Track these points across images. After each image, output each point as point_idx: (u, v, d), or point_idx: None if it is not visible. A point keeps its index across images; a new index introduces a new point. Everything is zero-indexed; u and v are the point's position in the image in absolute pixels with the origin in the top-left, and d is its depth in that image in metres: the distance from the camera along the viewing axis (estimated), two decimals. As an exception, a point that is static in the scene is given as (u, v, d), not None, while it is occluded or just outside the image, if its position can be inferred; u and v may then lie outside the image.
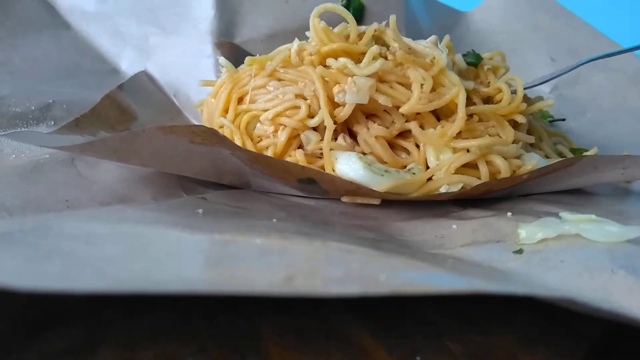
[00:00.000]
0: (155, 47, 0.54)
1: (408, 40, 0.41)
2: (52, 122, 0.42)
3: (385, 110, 0.39)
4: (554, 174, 0.36)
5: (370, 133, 0.38)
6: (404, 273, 0.22)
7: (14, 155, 0.35)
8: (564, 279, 0.24)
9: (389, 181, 0.35)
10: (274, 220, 0.31)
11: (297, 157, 0.38)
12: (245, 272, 0.21)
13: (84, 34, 0.55)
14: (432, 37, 0.42)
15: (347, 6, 0.55)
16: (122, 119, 0.45)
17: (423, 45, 0.40)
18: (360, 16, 0.56)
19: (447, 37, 0.44)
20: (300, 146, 0.39)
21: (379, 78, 0.38)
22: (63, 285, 0.17)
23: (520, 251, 0.27)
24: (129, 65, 0.54)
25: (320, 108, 0.38)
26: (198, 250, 0.24)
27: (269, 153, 0.39)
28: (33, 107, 0.43)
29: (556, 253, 0.26)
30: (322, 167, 0.37)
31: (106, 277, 0.18)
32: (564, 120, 0.55)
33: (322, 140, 0.38)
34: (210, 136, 0.31)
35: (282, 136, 0.38)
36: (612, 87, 0.58)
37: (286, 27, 0.52)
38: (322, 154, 0.37)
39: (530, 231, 0.28)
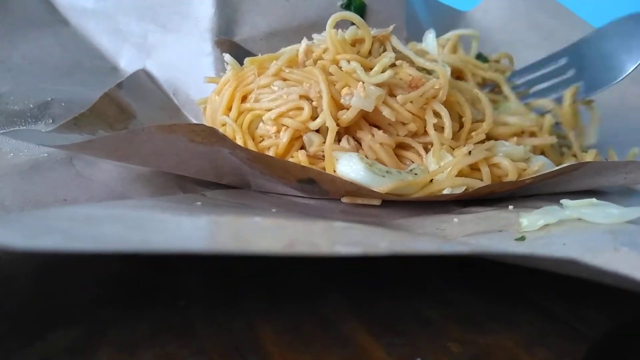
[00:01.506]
0: (154, 45, 0.54)
1: (410, 54, 0.40)
2: (51, 120, 0.42)
3: (390, 124, 0.38)
4: (557, 178, 0.36)
5: (375, 139, 0.38)
6: (404, 242, 0.23)
7: (12, 154, 0.35)
8: None
9: (390, 182, 0.35)
10: (274, 210, 0.31)
11: (299, 158, 0.37)
12: (244, 240, 0.21)
13: (84, 31, 0.55)
14: (430, 36, 0.41)
15: (348, 5, 0.55)
16: (121, 117, 0.45)
17: (424, 58, 0.40)
18: (361, 15, 0.56)
19: (454, 37, 0.43)
20: (303, 147, 0.39)
21: (389, 91, 0.38)
22: (61, 245, 0.17)
23: (522, 238, 0.27)
24: (128, 63, 0.54)
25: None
26: (196, 227, 0.24)
27: (271, 153, 0.38)
28: (32, 105, 0.42)
29: (558, 237, 0.26)
30: (324, 169, 0.37)
31: (103, 242, 0.19)
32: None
33: (324, 142, 0.37)
34: (210, 135, 0.31)
35: (285, 137, 0.38)
36: (612, 86, 0.58)
37: (287, 26, 0.52)
38: (324, 155, 0.37)
39: (532, 219, 0.28)
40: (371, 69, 0.39)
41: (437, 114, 0.38)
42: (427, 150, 0.38)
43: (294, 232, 0.23)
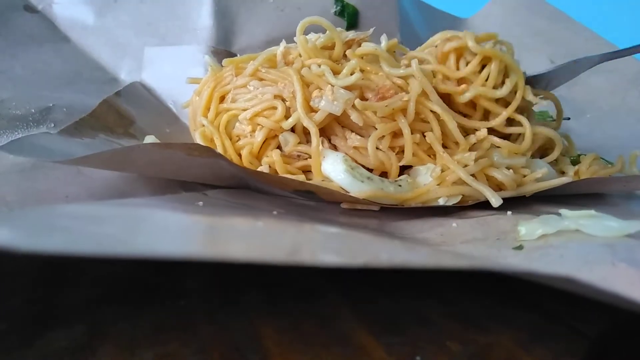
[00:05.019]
0: (153, 57, 0.54)
1: (384, 60, 0.39)
2: (52, 125, 0.42)
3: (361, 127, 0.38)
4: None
5: (349, 144, 0.37)
6: (404, 253, 0.22)
7: (14, 152, 0.35)
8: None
9: (367, 189, 0.34)
10: (274, 212, 0.31)
11: (273, 157, 0.37)
12: (247, 247, 0.21)
13: (84, 46, 0.56)
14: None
15: (341, 12, 0.56)
16: (121, 122, 0.45)
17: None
18: (354, 21, 0.57)
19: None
20: (279, 147, 0.39)
21: (361, 94, 0.37)
22: (63, 247, 0.17)
23: (520, 247, 0.27)
24: (127, 74, 0.54)
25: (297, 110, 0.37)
26: (197, 230, 0.24)
27: (246, 152, 0.38)
28: (33, 110, 0.43)
29: (556, 248, 0.26)
30: (301, 168, 0.37)
31: (105, 246, 0.19)
32: (568, 119, 0.55)
33: (299, 142, 0.38)
34: (207, 151, 0.32)
35: (259, 136, 0.38)
36: (612, 89, 0.58)
37: (282, 35, 0.52)
38: (299, 155, 0.37)
39: (530, 228, 0.28)
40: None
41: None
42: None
43: (296, 239, 0.23)
